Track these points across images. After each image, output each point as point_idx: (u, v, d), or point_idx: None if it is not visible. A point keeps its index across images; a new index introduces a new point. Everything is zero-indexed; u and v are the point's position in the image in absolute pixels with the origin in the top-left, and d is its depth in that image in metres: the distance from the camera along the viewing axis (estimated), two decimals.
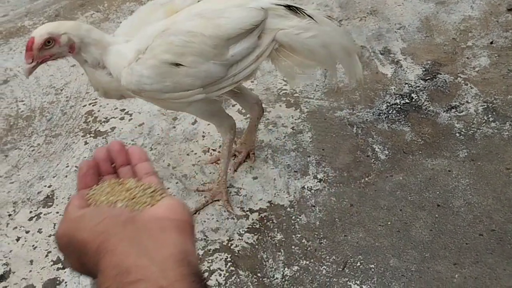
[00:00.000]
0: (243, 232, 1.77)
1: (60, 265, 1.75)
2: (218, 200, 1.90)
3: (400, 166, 1.95)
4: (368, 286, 1.55)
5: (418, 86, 2.34)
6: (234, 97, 1.92)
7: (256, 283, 1.60)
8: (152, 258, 0.57)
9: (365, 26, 2.79)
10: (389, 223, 1.73)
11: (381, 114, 2.21)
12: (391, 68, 2.47)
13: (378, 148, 2.05)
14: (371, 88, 2.37)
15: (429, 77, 2.38)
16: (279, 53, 1.59)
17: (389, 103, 2.27)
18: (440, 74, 2.40)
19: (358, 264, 1.62)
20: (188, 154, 2.14)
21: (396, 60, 2.51)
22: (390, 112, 2.22)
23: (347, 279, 1.58)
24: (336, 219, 1.77)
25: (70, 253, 0.64)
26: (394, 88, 2.34)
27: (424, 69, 2.44)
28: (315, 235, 1.73)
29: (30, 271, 1.74)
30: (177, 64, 1.46)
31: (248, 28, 1.49)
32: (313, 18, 1.56)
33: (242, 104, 1.98)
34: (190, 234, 0.63)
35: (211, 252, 1.72)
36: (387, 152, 2.02)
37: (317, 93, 2.38)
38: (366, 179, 1.91)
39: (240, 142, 2.07)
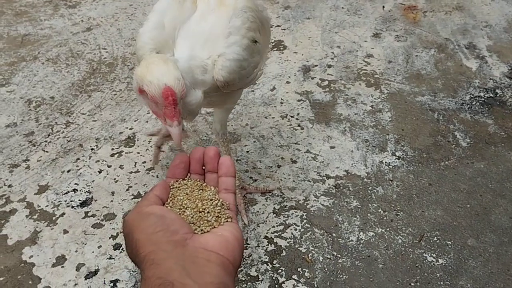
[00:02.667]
0: (319, 195, 1.80)
1: (139, 200, 1.80)
2: (268, 191, 1.82)
3: (481, 155, 1.94)
4: (444, 260, 1.55)
5: (503, 83, 2.32)
6: None
7: (331, 241, 1.62)
8: (195, 281, 0.60)
9: (450, 20, 2.77)
10: (468, 205, 1.73)
11: (464, 104, 2.20)
12: (476, 62, 2.45)
13: (460, 135, 2.04)
14: (454, 78, 2.36)
15: None
16: None
17: (473, 95, 2.26)
18: None
19: (435, 239, 1.62)
20: (266, 117, 2.18)
21: (481, 55, 2.50)
22: (473, 103, 2.21)
23: (423, 251, 1.59)
24: (414, 195, 1.78)
25: (127, 242, 0.69)
26: (478, 82, 2.33)
27: (510, 68, 2.41)
28: (392, 207, 1.74)
29: (112, 201, 1.80)
30: (255, 41, 1.38)
31: None
32: None
33: None
34: (231, 274, 0.66)
35: (287, 208, 1.75)
36: (468, 140, 2.01)
37: (398, 77, 2.38)
38: (446, 162, 1.91)
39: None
